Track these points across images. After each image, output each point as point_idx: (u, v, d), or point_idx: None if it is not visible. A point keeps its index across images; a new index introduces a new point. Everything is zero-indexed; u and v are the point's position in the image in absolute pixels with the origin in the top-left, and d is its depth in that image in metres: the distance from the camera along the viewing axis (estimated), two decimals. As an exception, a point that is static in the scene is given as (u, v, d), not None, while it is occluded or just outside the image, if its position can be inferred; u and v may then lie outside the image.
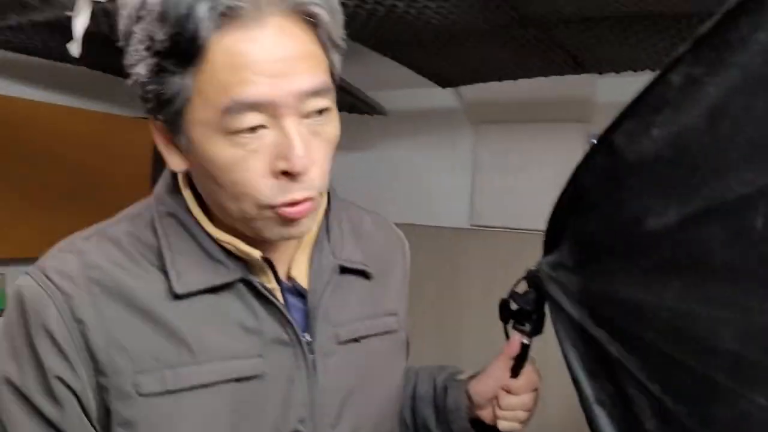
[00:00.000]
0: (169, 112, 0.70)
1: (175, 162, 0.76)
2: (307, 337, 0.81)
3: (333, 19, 0.72)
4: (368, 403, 0.87)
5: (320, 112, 0.72)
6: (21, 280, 0.76)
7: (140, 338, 0.73)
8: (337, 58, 0.75)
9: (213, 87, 0.67)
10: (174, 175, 0.82)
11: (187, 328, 0.74)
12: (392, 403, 0.94)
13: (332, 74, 0.75)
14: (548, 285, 0.92)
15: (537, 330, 1.00)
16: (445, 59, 2.37)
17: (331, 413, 0.81)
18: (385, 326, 0.92)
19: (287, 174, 0.70)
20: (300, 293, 0.84)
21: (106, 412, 0.72)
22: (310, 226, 0.78)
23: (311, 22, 0.70)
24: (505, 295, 1.02)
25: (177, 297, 0.74)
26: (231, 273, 0.77)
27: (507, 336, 1.02)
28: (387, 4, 1.70)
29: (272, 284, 0.81)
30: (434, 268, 3.46)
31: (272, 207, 0.72)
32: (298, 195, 0.72)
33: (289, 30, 0.68)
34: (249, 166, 0.69)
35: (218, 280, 0.76)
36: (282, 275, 0.83)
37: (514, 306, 1.01)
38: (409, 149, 3.64)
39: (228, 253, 0.78)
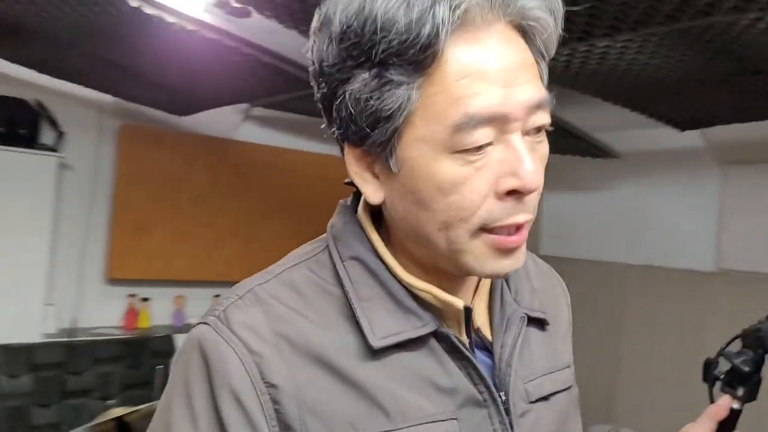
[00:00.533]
0: (384, 130, 0.62)
1: (373, 193, 0.67)
2: (502, 396, 0.70)
3: (556, 23, 0.64)
4: None
5: (538, 129, 0.64)
6: (201, 330, 0.66)
7: (335, 402, 0.63)
8: (545, 70, 0.68)
9: (443, 99, 0.60)
10: (354, 214, 0.73)
11: (380, 389, 0.64)
12: None
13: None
14: None
15: (752, 395, 0.89)
16: (678, 105, 2.39)
17: None
18: (565, 381, 0.80)
19: (512, 193, 0.62)
20: (485, 346, 0.73)
21: None
22: (524, 260, 0.68)
23: (529, 30, 0.64)
24: (712, 355, 0.94)
25: (372, 352, 0.65)
26: (425, 325, 0.67)
27: (711, 399, 0.93)
28: (608, 64, 1.84)
29: (464, 337, 0.70)
30: (675, 312, 3.35)
31: (490, 230, 0.63)
32: (521, 217, 0.63)
33: (512, 37, 0.62)
34: (474, 185, 0.61)
35: (413, 333, 0.66)
36: None
37: (723, 367, 0.92)
38: (646, 190, 3.59)
39: (419, 301, 0.68)
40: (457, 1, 0.57)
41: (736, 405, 0.89)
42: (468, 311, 0.69)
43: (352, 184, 0.69)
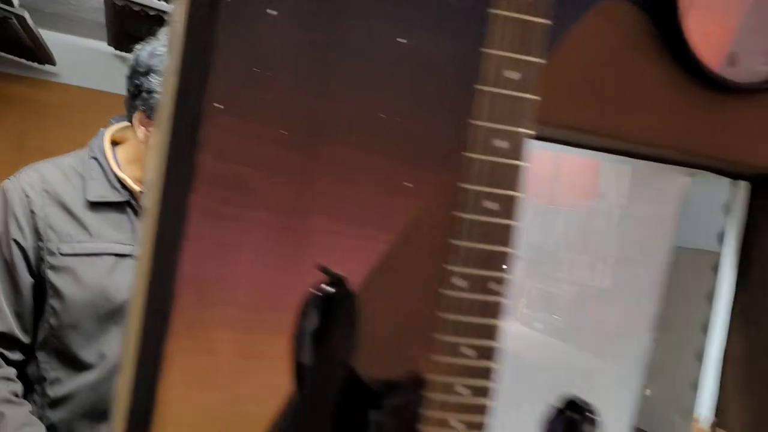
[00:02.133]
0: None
1: (143, 136, 1.25)
2: None
3: None
4: None
5: None
6: (5, 182, 1.24)
7: (64, 225, 1.22)
8: None
9: None
10: (102, 138, 1.31)
11: (91, 223, 1.23)
12: None
13: None
14: None
15: None
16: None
17: None
18: None
19: None
20: None
21: (41, 261, 1.22)
22: None
23: None
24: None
25: (89, 204, 1.24)
26: (122, 196, 1.26)
27: None
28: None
29: None
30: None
31: None
32: None
33: None
34: None
35: (113, 198, 1.25)
36: None
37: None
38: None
39: (123, 186, 1.26)
40: None
41: None
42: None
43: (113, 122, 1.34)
